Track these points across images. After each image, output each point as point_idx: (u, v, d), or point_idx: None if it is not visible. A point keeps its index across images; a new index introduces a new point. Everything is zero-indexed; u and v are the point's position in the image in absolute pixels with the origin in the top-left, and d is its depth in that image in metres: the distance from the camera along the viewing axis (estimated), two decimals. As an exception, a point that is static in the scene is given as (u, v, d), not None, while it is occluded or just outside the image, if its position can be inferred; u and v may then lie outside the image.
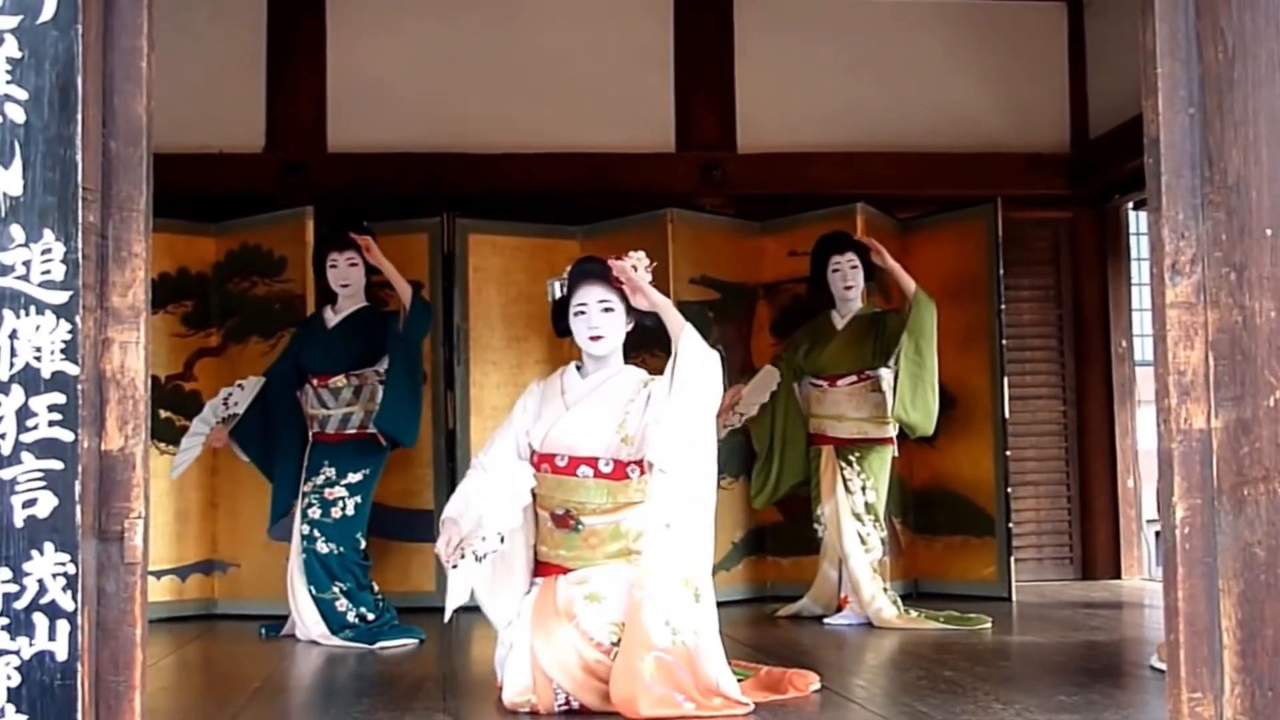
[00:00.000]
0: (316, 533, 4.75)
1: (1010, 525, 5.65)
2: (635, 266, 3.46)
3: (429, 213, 5.65)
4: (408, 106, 6.02)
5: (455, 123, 6.02)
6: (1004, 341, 5.68)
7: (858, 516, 5.06)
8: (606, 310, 3.48)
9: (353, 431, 4.86)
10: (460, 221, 5.65)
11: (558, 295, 3.57)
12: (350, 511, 4.76)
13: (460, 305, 5.62)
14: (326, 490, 4.75)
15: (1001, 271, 5.65)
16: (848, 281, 5.14)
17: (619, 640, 3.26)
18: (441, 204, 5.68)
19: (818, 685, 3.50)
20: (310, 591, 4.76)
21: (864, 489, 5.07)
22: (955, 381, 5.76)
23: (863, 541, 5.04)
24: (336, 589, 4.75)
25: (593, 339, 3.48)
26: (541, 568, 3.51)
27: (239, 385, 5.08)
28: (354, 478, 4.78)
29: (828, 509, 5.12)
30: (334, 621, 4.73)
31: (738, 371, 5.86)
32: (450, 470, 5.55)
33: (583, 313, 3.49)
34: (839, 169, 6.14)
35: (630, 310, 3.52)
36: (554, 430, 3.48)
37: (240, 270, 5.62)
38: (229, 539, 5.59)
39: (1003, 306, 5.68)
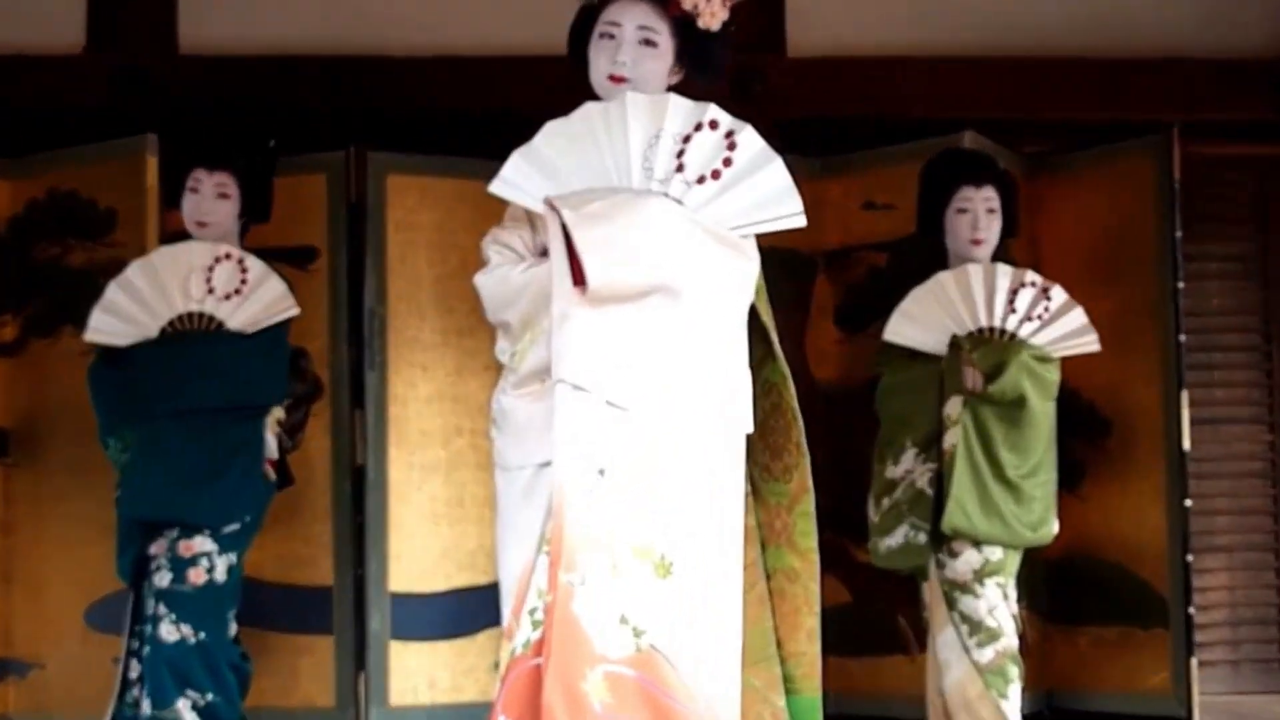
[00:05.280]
0: (163, 609, 4.57)
1: (1191, 611, 5.53)
2: None
3: (328, 144, 5.57)
4: (298, -13, 6.00)
5: (368, 12, 5.99)
6: (1182, 337, 5.56)
7: (963, 587, 4.86)
8: (646, 43, 3.46)
9: None
10: (375, 156, 5.55)
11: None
12: (220, 576, 4.63)
13: (375, 280, 5.53)
14: (182, 544, 4.60)
15: (1179, 234, 5.55)
16: (978, 231, 4.98)
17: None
18: (347, 130, 5.62)
19: None
20: (145, 711, 4.57)
21: (979, 544, 4.87)
22: (1108, 396, 5.72)
23: (972, 629, 4.85)
24: (184, 703, 4.56)
25: (613, 79, 3.43)
26: None
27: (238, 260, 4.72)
28: (226, 526, 4.65)
29: (926, 585, 5.00)
30: None
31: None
32: (358, 527, 5.49)
33: (610, 35, 3.46)
34: (933, 81, 6.12)
35: (683, 54, 3.48)
36: None
37: (48, 229, 5.55)
38: (30, 628, 5.53)
39: (1180, 285, 5.56)
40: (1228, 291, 6.51)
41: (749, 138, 3.29)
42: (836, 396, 5.69)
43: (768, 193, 3.29)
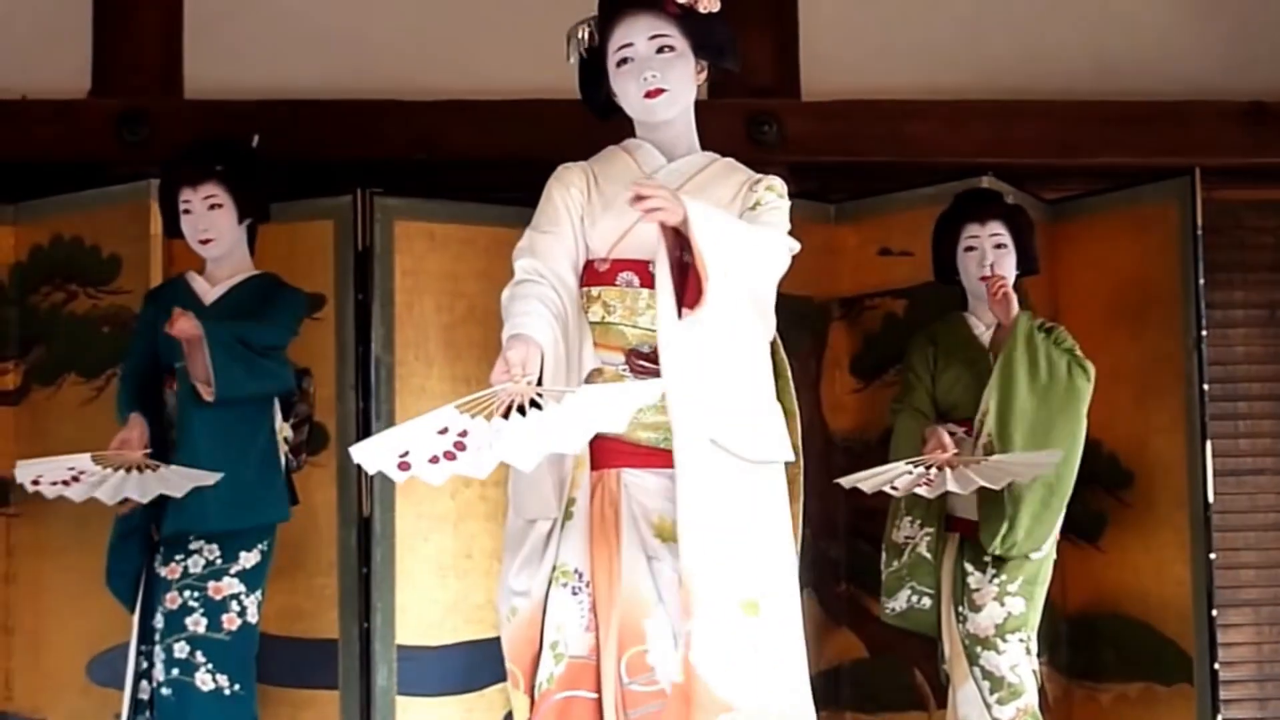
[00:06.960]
0: (200, 657, 4.52)
1: (1216, 667, 5.46)
2: None
3: (335, 189, 5.54)
4: (305, 31, 5.99)
5: (376, 55, 5.99)
6: (1205, 386, 5.51)
7: (985, 642, 4.87)
8: (665, 50, 3.51)
9: None
10: (382, 202, 5.50)
11: (585, 45, 3.61)
12: (251, 617, 4.62)
13: (382, 328, 5.46)
14: (211, 584, 4.57)
15: (1202, 281, 5.50)
16: (986, 267, 4.98)
17: None
18: (355, 175, 5.58)
19: None
20: None
21: (1002, 598, 4.89)
22: (1130, 447, 5.67)
23: (994, 685, 4.85)
24: None
25: (650, 95, 3.48)
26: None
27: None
28: (248, 559, 4.65)
29: (947, 639, 4.98)
30: None
31: (803, 426, 5.79)
32: (365, 578, 5.41)
33: (627, 59, 3.52)
34: (952, 125, 6.07)
35: (701, 49, 3.55)
36: (641, 226, 3.45)
37: (51, 275, 5.56)
38: (30, 681, 5.51)
39: (1204, 334, 5.51)
40: (1253, 339, 6.47)
41: None
42: (853, 447, 5.66)
43: None
